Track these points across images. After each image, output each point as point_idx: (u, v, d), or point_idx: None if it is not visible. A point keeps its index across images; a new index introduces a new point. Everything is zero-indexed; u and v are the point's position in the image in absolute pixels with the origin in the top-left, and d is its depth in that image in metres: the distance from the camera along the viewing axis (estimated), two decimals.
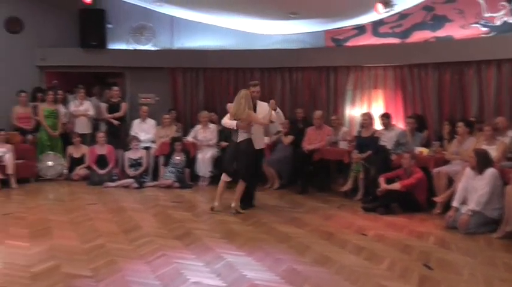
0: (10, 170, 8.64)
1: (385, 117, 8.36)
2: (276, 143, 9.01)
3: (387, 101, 9.28)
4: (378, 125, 8.48)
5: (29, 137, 9.45)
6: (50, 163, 9.33)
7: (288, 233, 5.92)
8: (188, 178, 8.92)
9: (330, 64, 9.74)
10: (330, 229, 6.13)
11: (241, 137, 6.94)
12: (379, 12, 8.09)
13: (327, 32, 9.70)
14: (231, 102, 10.18)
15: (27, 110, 9.63)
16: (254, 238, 5.75)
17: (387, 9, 7.92)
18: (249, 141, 6.92)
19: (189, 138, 9.37)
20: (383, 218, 6.69)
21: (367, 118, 8.33)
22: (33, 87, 9.96)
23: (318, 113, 8.72)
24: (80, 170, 9.39)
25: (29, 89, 9.81)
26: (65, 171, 9.44)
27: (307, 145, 8.43)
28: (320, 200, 7.87)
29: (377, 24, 9.24)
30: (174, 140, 9.13)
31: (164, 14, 10.23)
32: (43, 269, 4.66)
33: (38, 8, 10.10)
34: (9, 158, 8.67)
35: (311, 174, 8.49)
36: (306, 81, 10.00)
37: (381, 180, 7.07)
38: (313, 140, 8.50)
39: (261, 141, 7.27)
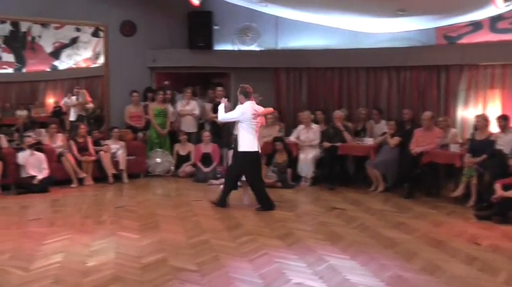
0: (122, 166, 9.16)
1: (503, 119, 7.76)
2: (382, 145, 8.72)
3: (505, 101, 8.64)
4: (494, 128, 7.92)
5: (140, 134, 9.95)
6: (158, 160, 9.75)
7: (393, 239, 5.68)
8: (290, 178, 8.89)
9: (441, 63, 9.27)
10: (439, 236, 5.81)
11: None
12: (498, 7, 7.53)
13: (438, 29, 9.22)
14: (336, 102, 10.18)
15: (138, 109, 10.12)
16: (358, 241, 5.59)
17: (508, 3, 7.32)
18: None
19: (292, 138, 9.34)
20: (499, 227, 6.23)
21: (481, 120, 7.81)
22: (144, 88, 10.44)
23: (427, 113, 8.32)
24: (186, 167, 9.71)
25: (141, 89, 10.29)
26: (172, 168, 9.82)
27: (415, 147, 8.07)
28: (428, 205, 7.50)
29: (495, 20, 8.62)
30: (276, 139, 9.14)
31: (269, 14, 10.27)
32: (152, 260, 4.85)
33: (149, 12, 10.56)
34: (121, 155, 9.19)
35: (418, 178, 8.09)
36: (414, 80, 9.59)
37: (497, 186, 6.57)
38: (421, 142, 8.11)
39: (246, 143, 6.96)
